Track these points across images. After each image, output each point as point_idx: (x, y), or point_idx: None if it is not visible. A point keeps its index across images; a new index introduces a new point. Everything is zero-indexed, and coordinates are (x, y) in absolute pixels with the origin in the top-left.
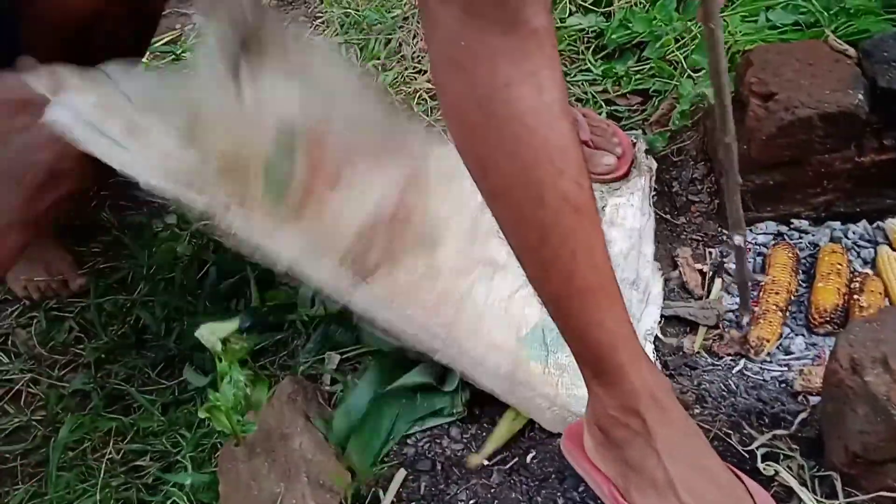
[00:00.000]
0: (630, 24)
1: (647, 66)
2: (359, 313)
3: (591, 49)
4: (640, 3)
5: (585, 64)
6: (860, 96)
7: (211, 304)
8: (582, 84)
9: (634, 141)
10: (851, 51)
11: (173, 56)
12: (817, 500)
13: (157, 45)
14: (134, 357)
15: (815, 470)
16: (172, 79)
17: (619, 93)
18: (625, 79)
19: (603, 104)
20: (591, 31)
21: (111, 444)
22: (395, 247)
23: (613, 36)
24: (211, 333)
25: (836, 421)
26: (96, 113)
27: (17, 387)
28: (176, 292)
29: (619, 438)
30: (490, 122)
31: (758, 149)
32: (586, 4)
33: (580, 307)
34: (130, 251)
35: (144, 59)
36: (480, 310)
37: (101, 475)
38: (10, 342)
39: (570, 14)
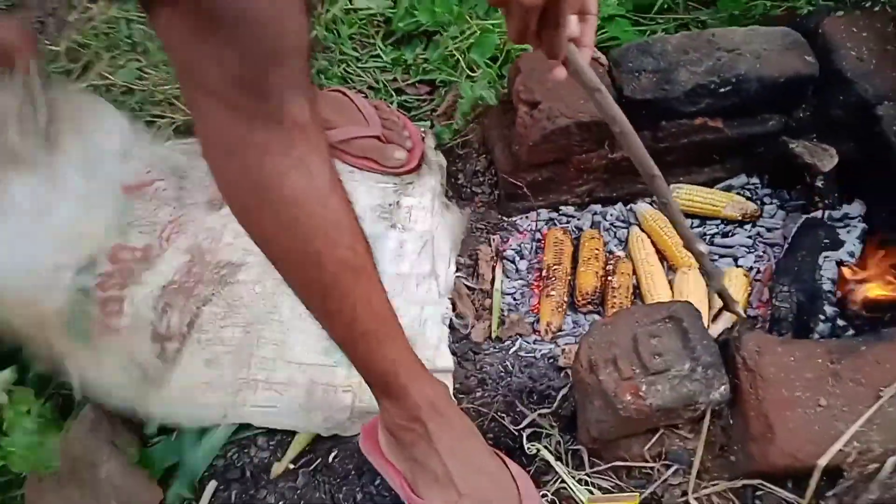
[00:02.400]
0: (415, 13)
1: (435, 55)
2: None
3: (380, 34)
4: None
5: (376, 49)
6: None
7: None
8: (374, 71)
9: (423, 134)
10: (604, 58)
11: None
12: (569, 471)
13: None
14: None
15: (569, 443)
16: None
17: (408, 82)
18: (413, 67)
19: (393, 93)
20: (380, 16)
21: None
22: (194, 300)
23: (400, 24)
24: None
25: (581, 408)
26: None
27: None
28: None
29: (406, 441)
30: (265, 206)
31: (527, 152)
32: None
33: (364, 347)
34: None
35: None
36: (287, 323)
37: None
38: None
39: None
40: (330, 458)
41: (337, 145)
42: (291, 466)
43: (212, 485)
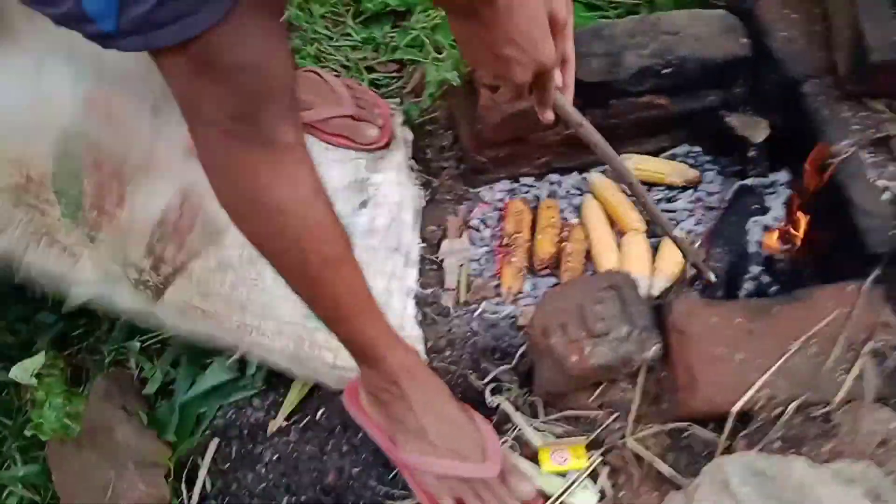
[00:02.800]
0: None
1: (403, 37)
2: (164, 327)
3: (350, 13)
4: None
5: (347, 28)
6: None
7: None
8: (345, 50)
9: (392, 112)
10: None
11: None
12: (526, 420)
13: None
14: None
15: (526, 396)
16: None
17: (378, 60)
18: (382, 46)
19: (364, 71)
20: None
21: None
22: (185, 251)
23: (369, 4)
24: (24, 371)
25: (536, 366)
26: None
27: None
28: None
29: (385, 400)
30: (259, 215)
31: (489, 131)
32: None
33: (346, 325)
34: None
35: None
36: (270, 290)
37: None
38: None
39: None
40: (317, 416)
41: (313, 124)
42: (284, 423)
43: (214, 441)
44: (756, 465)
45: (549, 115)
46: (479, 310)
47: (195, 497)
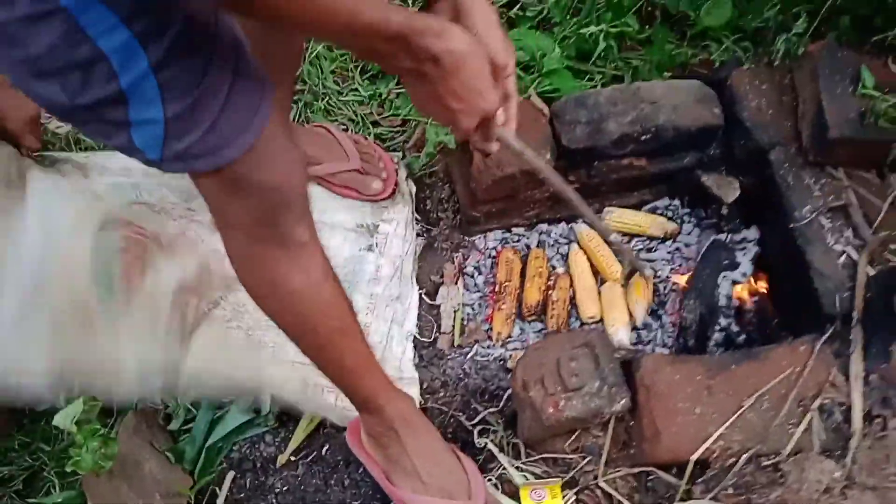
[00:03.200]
0: None
1: (405, 97)
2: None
3: (358, 69)
4: None
5: (354, 83)
6: (548, 156)
7: None
8: (352, 105)
9: (397, 166)
10: (546, 109)
11: None
12: (509, 461)
13: None
14: None
15: (510, 437)
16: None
17: (382, 115)
18: (387, 102)
19: (370, 126)
20: None
21: None
22: (204, 304)
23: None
24: (65, 418)
25: (519, 414)
26: None
27: None
28: None
29: (382, 443)
30: (276, 297)
31: (482, 191)
32: None
33: (349, 380)
34: None
35: None
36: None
37: None
38: None
39: None
40: (323, 451)
41: (322, 178)
42: (292, 458)
43: (230, 474)
44: None
45: (492, 147)
46: (472, 352)
47: None
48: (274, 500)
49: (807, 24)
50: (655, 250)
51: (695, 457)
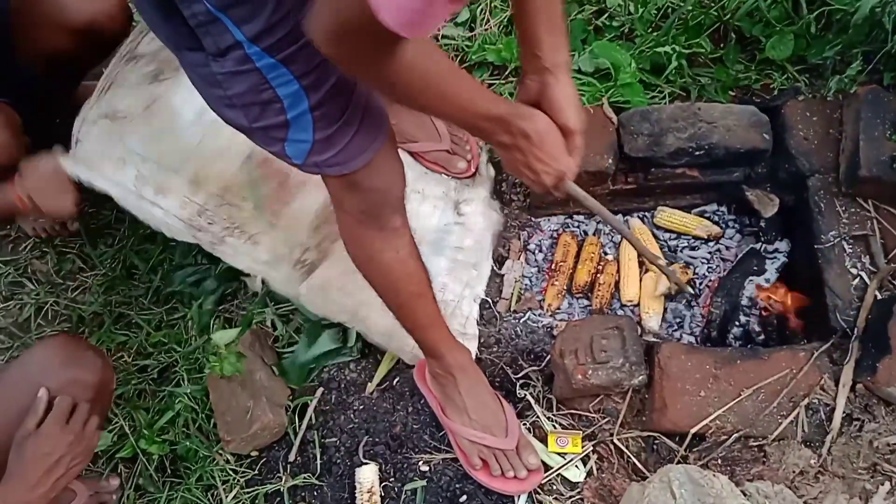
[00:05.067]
0: (486, 48)
1: (497, 83)
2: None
3: (456, 61)
4: (502, 25)
5: None
6: (610, 160)
7: (181, 257)
8: None
9: (480, 150)
10: (614, 118)
11: None
12: (542, 412)
13: None
14: (129, 287)
15: (546, 392)
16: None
17: None
18: None
19: None
20: (457, 46)
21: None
22: (328, 242)
23: (473, 56)
24: (220, 338)
25: (555, 375)
26: (135, 183)
27: (45, 307)
28: (158, 242)
29: (441, 382)
30: (372, 266)
31: None
32: (455, 20)
33: (420, 332)
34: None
35: None
36: None
37: (122, 374)
38: (29, 271)
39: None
40: (394, 383)
41: (417, 153)
42: (369, 385)
43: (320, 390)
44: (693, 475)
45: (558, 193)
46: (524, 317)
47: (303, 426)
48: (352, 415)
49: (861, 67)
50: (698, 249)
51: (694, 430)
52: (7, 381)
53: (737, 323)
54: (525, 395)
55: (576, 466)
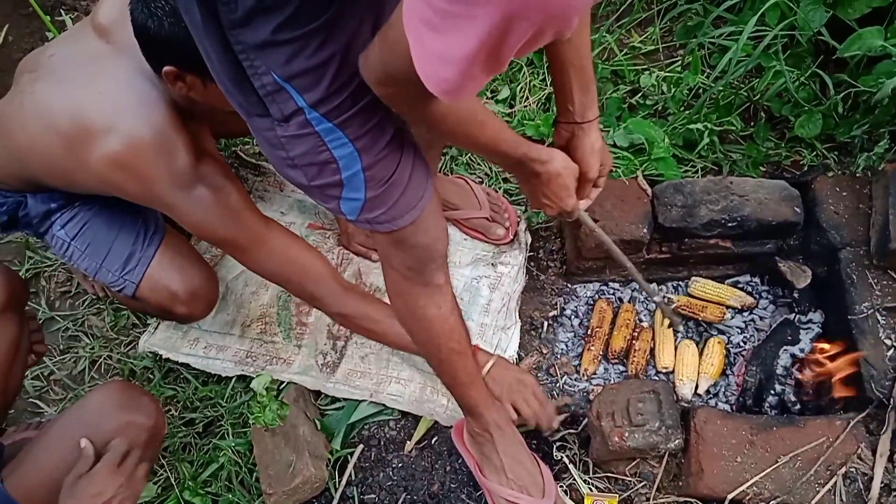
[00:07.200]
0: (525, 124)
1: None
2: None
3: None
4: (540, 102)
5: None
6: (645, 230)
7: None
8: (486, 162)
9: (519, 218)
10: (649, 190)
11: None
12: (579, 474)
13: None
14: None
15: (582, 455)
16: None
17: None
18: None
19: (501, 181)
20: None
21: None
22: (342, 341)
23: (512, 124)
24: (259, 384)
25: (591, 438)
26: (204, 350)
27: (99, 360)
28: None
29: (479, 441)
30: (415, 322)
31: (587, 250)
32: (496, 97)
33: (460, 390)
34: None
35: None
36: (397, 358)
37: (169, 427)
38: (86, 325)
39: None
40: (432, 442)
41: (457, 220)
42: (408, 444)
43: (360, 447)
44: None
45: (569, 219)
46: (561, 381)
47: (343, 482)
48: (391, 473)
49: (888, 145)
50: (732, 318)
51: (731, 496)
52: (65, 423)
53: (772, 392)
54: (562, 457)
55: None
